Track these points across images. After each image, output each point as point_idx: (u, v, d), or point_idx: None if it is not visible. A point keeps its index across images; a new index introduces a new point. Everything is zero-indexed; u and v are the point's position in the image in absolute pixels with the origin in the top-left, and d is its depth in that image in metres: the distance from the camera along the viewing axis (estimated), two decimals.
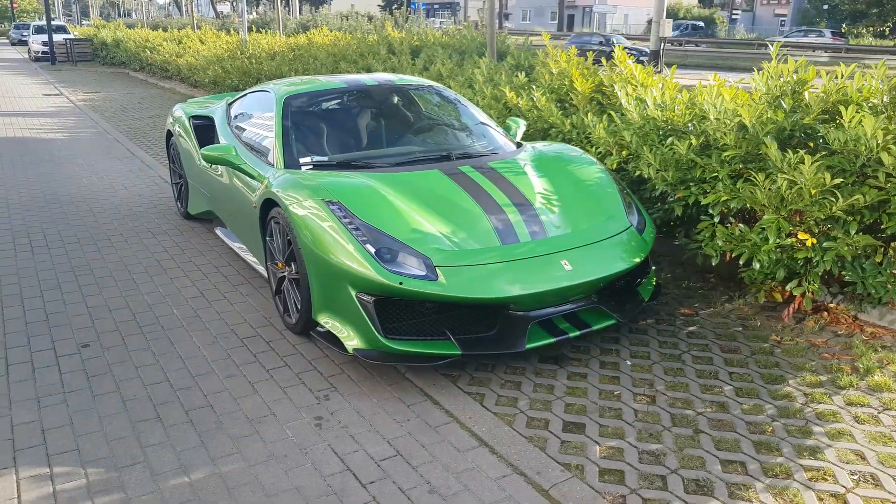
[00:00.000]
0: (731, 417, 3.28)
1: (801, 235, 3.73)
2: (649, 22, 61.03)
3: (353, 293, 3.56)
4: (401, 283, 3.42)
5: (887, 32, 26.73)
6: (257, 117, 5.24)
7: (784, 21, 73.58)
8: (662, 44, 11.58)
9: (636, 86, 5.78)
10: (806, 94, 4.34)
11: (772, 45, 4.45)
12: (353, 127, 5.02)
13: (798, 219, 3.82)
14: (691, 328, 4.20)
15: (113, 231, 6.18)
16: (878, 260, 3.78)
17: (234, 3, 54.32)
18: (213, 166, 5.49)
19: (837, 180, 3.58)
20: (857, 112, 3.76)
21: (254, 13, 47.48)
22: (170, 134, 6.64)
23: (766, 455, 3.00)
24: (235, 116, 5.65)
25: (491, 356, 3.76)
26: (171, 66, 19.78)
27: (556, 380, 3.64)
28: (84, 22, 56.55)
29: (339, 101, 5.23)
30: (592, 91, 6.37)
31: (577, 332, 3.75)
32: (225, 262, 5.41)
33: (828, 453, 3.00)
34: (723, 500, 2.74)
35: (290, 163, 4.49)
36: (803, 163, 3.65)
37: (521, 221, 3.89)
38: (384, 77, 5.60)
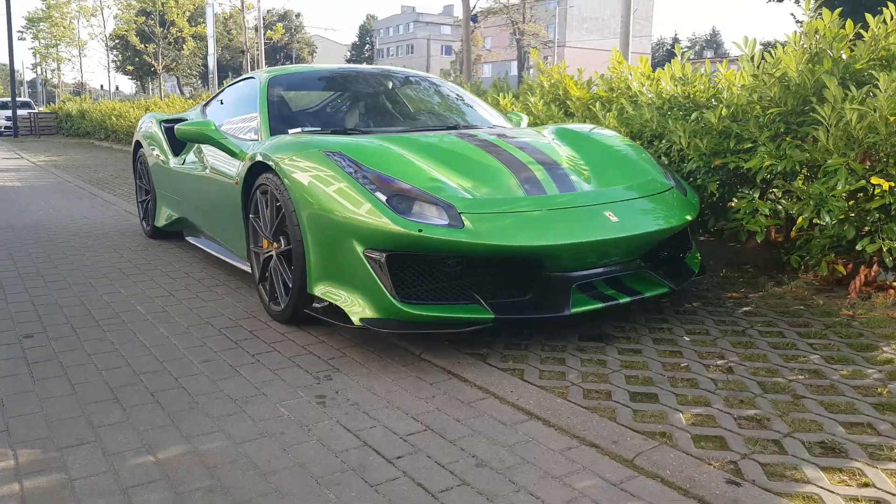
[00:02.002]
0: (833, 382, 2.67)
1: (875, 180, 3.22)
2: None
3: (360, 251, 2.93)
4: (420, 231, 2.81)
5: None
6: (239, 105, 4.67)
7: None
8: None
9: (645, 77, 5.37)
10: (843, 53, 3.92)
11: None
12: (348, 107, 4.48)
13: (868, 163, 3.32)
14: (746, 308, 3.61)
15: (69, 247, 5.47)
16: None
17: (197, 82, 54.58)
18: (186, 163, 4.88)
19: None
20: None
21: None
22: (138, 146, 6.03)
23: (895, 416, 2.39)
24: (213, 110, 5.08)
25: (529, 322, 3.15)
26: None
27: (605, 355, 3.00)
28: (50, 104, 56.10)
29: (330, 82, 4.71)
30: (589, 100, 5.97)
31: (628, 299, 3.15)
32: (197, 269, 4.73)
33: None
34: (865, 462, 2.10)
35: (278, 132, 3.91)
36: (878, 88, 3.16)
37: (549, 179, 3.33)
38: (382, 67, 5.13)
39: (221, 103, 5.06)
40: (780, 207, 3.89)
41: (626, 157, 3.73)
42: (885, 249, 3.32)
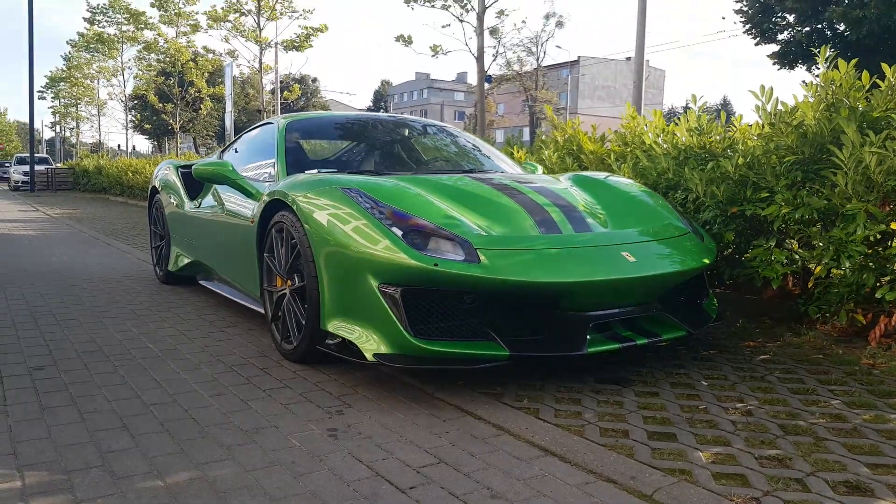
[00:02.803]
0: (856, 426, 2.61)
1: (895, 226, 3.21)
2: None
3: (375, 285, 2.92)
4: (436, 265, 2.80)
5: None
6: (257, 147, 4.74)
7: None
8: None
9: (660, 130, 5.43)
10: (858, 105, 3.96)
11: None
12: (363, 152, 4.54)
13: (889, 208, 3.32)
14: (764, 356, 3.56)
15: (82, 290, 5.49)
16: None
17: (213, 143, 55.61)
18: (201, 207, 4.93)
19: None
20: None
21: None
22: (154, 191, 6.10)
23: None
24: (230, 156, 5.15)
25: (544, 360, 3.10)
26: None
27: (622, 397, 2.95)
28: (67, 161, 57.14)
29: (348, 128, 4.79)
30: (603, 154, 6.03)
31: (645, 340, 3.11)
32: (210, 311, 4.72)
33: None
34: (893, 501, 2.04)
35: (294, 174, 3.96)
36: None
37: (565, 220, 3.34)
38: (399, 115, 5.23)
39: (236, 151, 5.14)
40: (796, 257, 3.87)
41: (642, 202, 3.75)
42: None
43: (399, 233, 2.94)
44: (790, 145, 3.78)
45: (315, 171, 3.99)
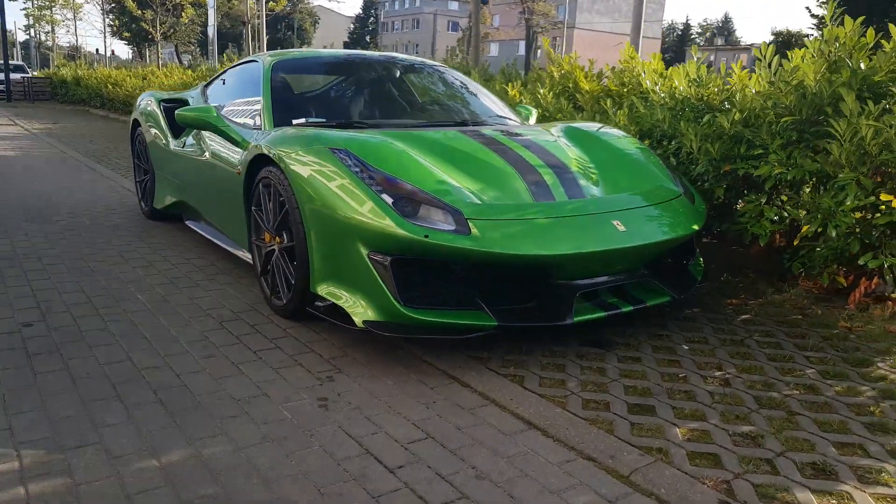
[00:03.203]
0: (828, 399, 2.71)
1: (885, 196, 3.23)
2: None
3: (365, 253, 2.93)
4: (426, 237, 2.81)
5: None
6: (241, 88, 4.63)
7: None
8: None
9: (658, 75, 5.34)
10: (861, 63, 3.90)
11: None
12: (352, 95, 4.46)
13: (879, 179, 3.33)
14: (745, 316, 3.64)
15: (66, 225, 5.45)
16: None
17: (196, 50, 53.98)
18: (186, 146, 4.86)
19: None
20: None
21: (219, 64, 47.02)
22: (136, 124, 5.98)
23: (886, 437, 2.43)
24: (215, 93, 5.04)
25: (531, 330, 3.15)
26: (136, 99, 19.07)
27: (605, 363, 3.03)
28: (44, 69, 55.41)
29: (335, 68, 4.68)
30: (599, 93, 5.94)
31: (630, 307, 3.17)
32: (196, 255, 4.72)
33: None
34: (854, 485, 2.14)
35: (281, 123, 3.89)
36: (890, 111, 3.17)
37: (557, 183, 3.33)
38: (387, 54, 5.10)
39: (223, 84, 5.02)
40: (785, 214, 3.90)
41: (635, 161, 3.74)
42: (886, 265, 3.34)
43: (389, 200, 2.92)
44: (788, 105, 3.74)
45: (302, 120, 3.93)
